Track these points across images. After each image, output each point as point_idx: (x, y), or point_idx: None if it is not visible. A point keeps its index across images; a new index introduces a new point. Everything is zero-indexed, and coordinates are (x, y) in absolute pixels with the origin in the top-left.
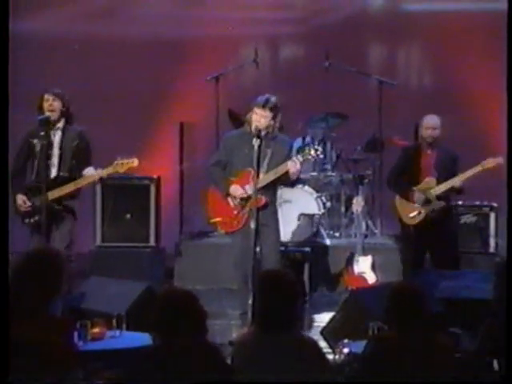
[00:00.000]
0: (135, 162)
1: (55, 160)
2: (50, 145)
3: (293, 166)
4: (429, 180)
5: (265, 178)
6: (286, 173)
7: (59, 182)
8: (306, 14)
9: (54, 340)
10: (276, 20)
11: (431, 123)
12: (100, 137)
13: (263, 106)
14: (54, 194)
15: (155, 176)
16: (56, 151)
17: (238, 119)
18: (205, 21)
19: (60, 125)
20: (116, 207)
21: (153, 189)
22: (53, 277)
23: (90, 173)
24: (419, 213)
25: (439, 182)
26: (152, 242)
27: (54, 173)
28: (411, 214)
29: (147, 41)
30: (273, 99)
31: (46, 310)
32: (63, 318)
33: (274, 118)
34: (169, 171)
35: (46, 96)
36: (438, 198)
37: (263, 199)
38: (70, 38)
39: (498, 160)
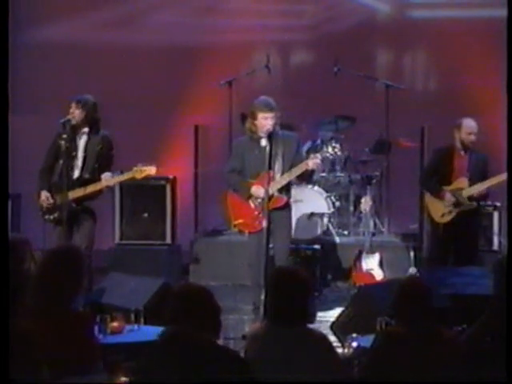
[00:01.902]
0: (153, 170)
1: (79, 162)
2: (75, 148)
3: (313, 163)
4: (461, 180)
5: (285, 177)
6: (305, 171)
7: (81, 183)
8: (316, 22)
9: (77, 333)
10: (287, 27)
11: (474, 128)
12: (118, 140)
13: (270, 110)
14: (74, 194)
15: (171, 176)
16: (80, 154)
17: None
18: (219, 28)
19: (85, 130)
20: (134, 206)
21: (169, 189)
22: (74, 273)
23: (108, 178)
24: (450, 212)
25: (471, 183)
26: (168, 240)
27: (76, 174)
28: (442, 213)
29: (163, 48)
30: (271, 100)
31: (69, 304)
32: (85, 312)
33: (276, 116)
34: (184, 172)
35: (72, 103)
36: (469, 198)
37: (284, 198)
38: (89, 45)
39: None
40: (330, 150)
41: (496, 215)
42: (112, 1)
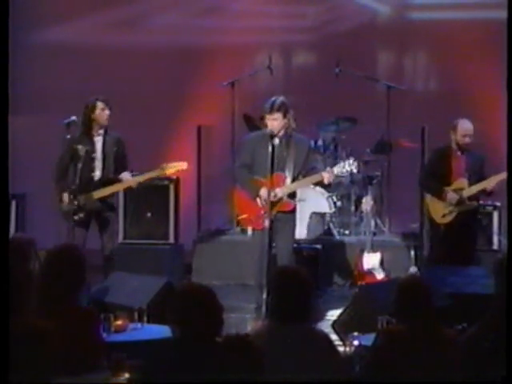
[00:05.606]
0: (185, 165)
1: (99, 164)
2: (93, 150)
3: (327, 177)
4: (461, 181)
5: (297, 184)
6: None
7: (103, 183)
8: (317, 23)
9: (81, 329)
10: (289, 29)
11: (469, 130)
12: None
13: (270, 111)
14: (98, 194)
15: (174, 176)
16: (99, 155)
17: (252, 123)
18: (221, 29)
19: (101, 131)
20: (137, 206)
21: (172, 189)
22: (76, 271)
23: (127, 177)
24: (451, 212)
25: (470, 183)
26: (171, 240)
27: (98, 175)
28: (443, 213)
29: (166, 49)
30: (278, 101)
31: (73, 301)
32: (89, 309)
33: (284, 116)
34: (187, 172)
35: (102, 105)
36: (469, 198)
37: (292, 204)
38: (91, 46)
39: None
40: (346, 167)
41: (496, 215)
42: (114, 2)
